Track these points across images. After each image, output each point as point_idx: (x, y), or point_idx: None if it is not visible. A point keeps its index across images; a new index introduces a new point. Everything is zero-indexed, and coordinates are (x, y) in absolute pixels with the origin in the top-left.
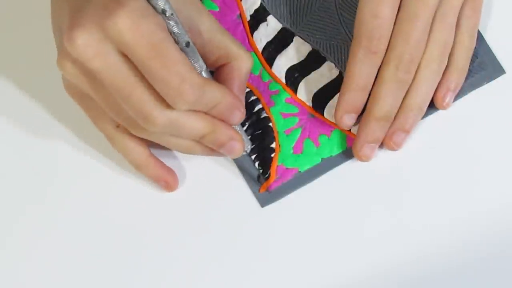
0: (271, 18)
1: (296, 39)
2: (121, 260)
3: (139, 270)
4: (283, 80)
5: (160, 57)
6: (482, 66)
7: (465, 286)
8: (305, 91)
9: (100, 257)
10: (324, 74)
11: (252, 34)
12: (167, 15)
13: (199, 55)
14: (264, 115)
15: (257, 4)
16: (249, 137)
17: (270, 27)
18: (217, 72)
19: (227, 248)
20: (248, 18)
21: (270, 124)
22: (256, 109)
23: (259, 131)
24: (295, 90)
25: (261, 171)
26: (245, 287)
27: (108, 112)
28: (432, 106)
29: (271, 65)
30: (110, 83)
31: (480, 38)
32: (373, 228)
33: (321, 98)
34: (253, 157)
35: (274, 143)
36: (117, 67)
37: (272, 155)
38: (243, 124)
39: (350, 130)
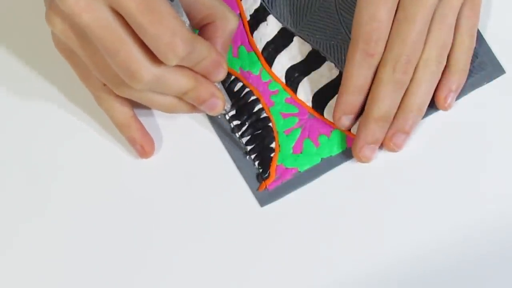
0: (271, 18)
1: (296, 39)
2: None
3: (138, 270)
4: (283, 80)
5: (152, 12)
6: (482, 66)
7: (465, 286)
8: (305, 91)
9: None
10: (324, 74)
11: (252, 33)
12: None
13: (183, 11)
14: (264, 115)
15: (257, 4)
16: (249, 137)
17: (270, 27)
18: (201, 31)
19: (226, 247)
20: (248, 18)
21: (270, 124)
22: (256, 109)
23: (259, 131)
24: (295, 90)
25: (260, 170)
26: (244, 286)
27: (94, 70)
28: (432, 106)
29: (271, 65)
30: (99, 38)
31: (480, 38)
32: (372, 228)
33: (321, 98)
34: (252, 156)
35: (274, 143)
36: (107, 22)
37: (272, 154)
38: (242, 124)
39: (350, 130)
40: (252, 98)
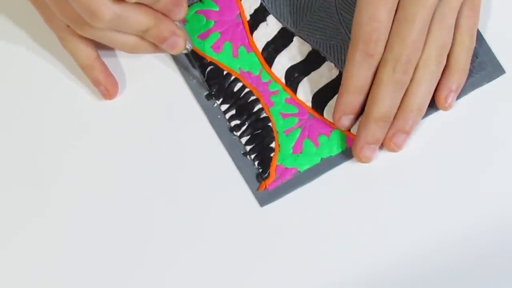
0: (271, 18)
1: (296, 39)
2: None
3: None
4: (283, 80)
5: None
6: (482, 66)
7: (465, 286)
8: (305, 91)
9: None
10: (324, 74)
11: (252, 33)
12: None
13: None
14: (263, 115)
15: (257, 4)
16: (249, 137)
17: (270, 27)
18: None
19: (226, 247)
20: (248, 18)
21: (270, 124)
22: (255, 109)
23: (259, 131)
24: (294, 90)
25: (260, 170)
26: (243, 286)
27: (56, 12)
28: (432, 106)
29: (271, 65)
30: None
31: (480, 38)
32: (372, 228)
33: (321, 98)
34: (252, 156)
35: (274, 142)
36: None
37: (272, 154)
38: (242, 124)
39: (350, 130)
40: (252, 98)
